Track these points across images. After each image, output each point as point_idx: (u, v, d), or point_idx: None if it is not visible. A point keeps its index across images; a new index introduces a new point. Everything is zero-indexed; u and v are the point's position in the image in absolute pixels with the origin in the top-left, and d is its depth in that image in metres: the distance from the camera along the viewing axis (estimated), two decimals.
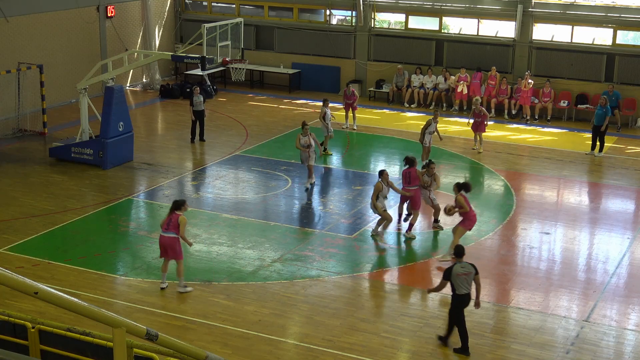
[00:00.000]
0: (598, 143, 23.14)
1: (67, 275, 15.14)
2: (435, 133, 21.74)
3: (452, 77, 27.82)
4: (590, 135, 23.57)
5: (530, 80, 26.39)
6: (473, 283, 12.52)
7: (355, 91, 25.52)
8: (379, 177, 16.85)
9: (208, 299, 14.30)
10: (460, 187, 15.83)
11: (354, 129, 25.42)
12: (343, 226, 17.83)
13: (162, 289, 14.61)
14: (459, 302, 12.49)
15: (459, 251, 12.64)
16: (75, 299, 5.39)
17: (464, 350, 12.59)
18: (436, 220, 17.59)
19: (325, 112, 22.58)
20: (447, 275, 12.44)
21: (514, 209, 18.98)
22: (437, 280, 15.32)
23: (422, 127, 21.80)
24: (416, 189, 17.15)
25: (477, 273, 12.50)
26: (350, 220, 18.14)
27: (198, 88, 24.05)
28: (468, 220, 15.78)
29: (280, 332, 13.22)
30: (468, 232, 16.15)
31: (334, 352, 12.54)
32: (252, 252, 16.31)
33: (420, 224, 17.94)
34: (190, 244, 14.84)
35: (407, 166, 17.31)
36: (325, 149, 22.75)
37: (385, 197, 16.91)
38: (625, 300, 14.59)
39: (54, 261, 15.67)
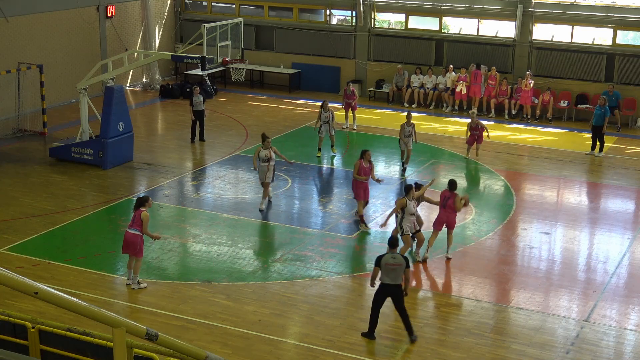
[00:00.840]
0: (598, 143, 23.15)
1: (67, 275, 15.14)
2: (413, 136, 21.07)
3: (453, 74, 27.74)
4: (590, 136, 23.57)
5: (530, 80, 26.38)
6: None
7: (356, 90, 25.50)
8: (405, 194, 15.59)
9: (208, 299, 14.30)
10: (450, 185, 16.05)
11: (354, 129, 25.42)
12: (343, 226, 17.83)
13: (128, 284, 14.67)
14: (380, 290, 12.71)
15: (392, 242, 12.75)
16: (75, 299, 5.39)
17: (369, 334, 12.88)
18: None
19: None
20: (377, 262, 12.66)
21: (514, 209, 18.98)
22: (436, 280, 15.34)
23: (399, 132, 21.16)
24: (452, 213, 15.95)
25: (407, 267, 12.59)
26: (350, 220, 18.14)
27: (198, 88, 24.02)
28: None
29: (280, 332, 13.22)
30: (456, 231, 16.27)
31: (334, 352, 12.54)
32: (252, 252, 16.31)
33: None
34: (156, 237, 14.70)
35: (448, 189, 15.92)
36: (319, 149, 22.75)
37: (413, 214, 15.63)
38: (625, 300, 14.59)
39: (54, 261, 15.67)
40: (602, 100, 23.22)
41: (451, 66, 27.96)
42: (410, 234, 15.71)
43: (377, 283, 12.83)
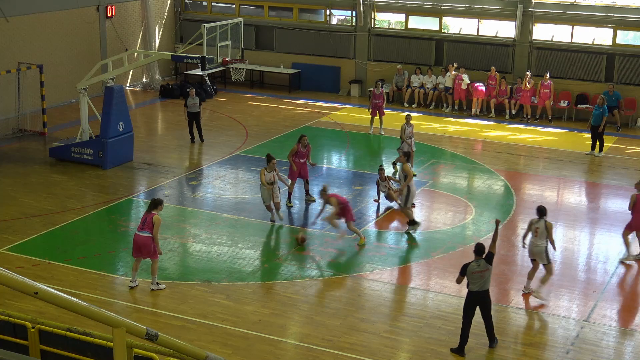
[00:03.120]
0: (598, 143, 23.15)
1: (67, 275, 15.14)
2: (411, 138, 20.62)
3: (453, 73, 27.68)
4: (590, 136, 23.58)
5: (530, 80, 26.37)
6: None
7: (385, 91, 25.11)
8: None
9: (208, 299, 14.30)
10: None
11: (381, 134, 24.73)
12: (343, 226, 17.82)
13: (132, 287, 14.61)
14: (469, 299, 12.53)
15: (477, 249, 12.53)
16: (75, 299, 5.39)
17: (459, 351, 12.56)
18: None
19: (405, 129, 20.72)
20: (463, 271, 12.49)
21: (514, 209, 18.98)
22: (436, 280, 15.34)
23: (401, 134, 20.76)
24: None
25: (491, 263, 12.49)
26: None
27: (194, 90, 23.83)
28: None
29: (280, 332, 13.22)
30: (456, 231, 16.25)
31: (334, 352, 12.54)
32: (252, 252, 16.31)
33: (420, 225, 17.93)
34: (159, 252, 14.46)
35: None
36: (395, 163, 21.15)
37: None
38: (625, 301, 14.58)
39: (54, 261, 15.67)
40: (600, 100, 23.22)
41: (451, 65, 27.87)
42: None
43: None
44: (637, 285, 15.30)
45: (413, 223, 17.34)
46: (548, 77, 26.46)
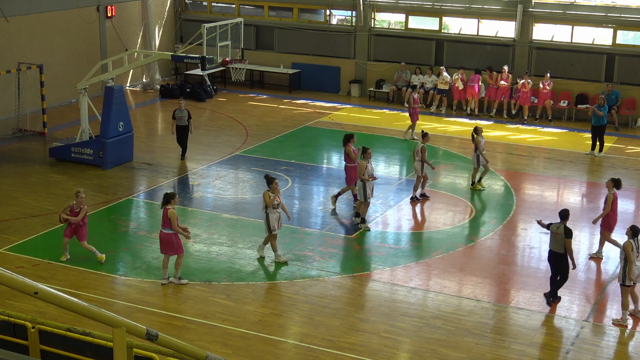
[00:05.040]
0: (598, 143, 23.16)
1: (67, 275, 15.15)
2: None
3: (445, 74, 27.63)
4: (590, 136, 23.58)
5: (529, 80, 26.36)
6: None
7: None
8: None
9: (208, 299, 14.30)
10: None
11: (414, 139, 23.88)
12: (343, 226, 17.84)
13: (163, 284, 14.68)
14: (548, 255, 14.34)
15: (562, 214, 14.23)
16: (75, 299, 5.39)
17: (552, 295, 14.19)
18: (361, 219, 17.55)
19: (480, 141, 19.92)
20: (548, 227, 14.36)
21: (514, 209, 18.98)
22: (436, 280, 15.34)
23: (416, 155, 19.33)
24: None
25: (567, 237, 13.80)
26: (350, 220, 18.14)
27: (183, 101, 22.23)
28: None
29: (280, 332, 13.22)
30: (456, 231, 16.21)
31: (334, 352, 12.54)
32: (252, 252, 16.31)
33: (421, 223, 17.90)
34: (188, 237, 14.81)
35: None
36: (478, 181, 20.18)
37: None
38: None
39: (54, 261, 15.67)
40: (601, 100, 23.22)
41: (442, 67, 27.94)
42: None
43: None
44: (637, 285, 15.28)
45: (364, 221, 17.43)
46: (549, 77, 26.44)
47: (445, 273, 15.54)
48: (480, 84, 27.20)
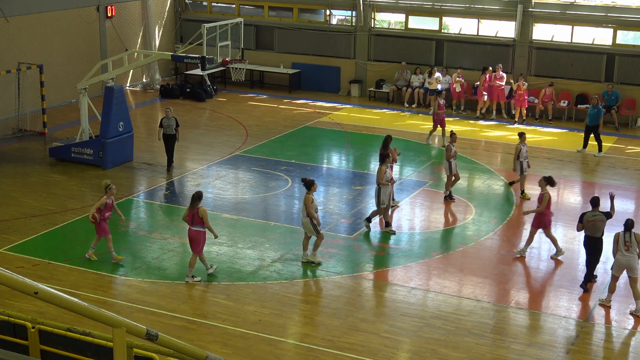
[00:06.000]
0: (596, 143, 23.17)
1: (67, 275, 15.14)
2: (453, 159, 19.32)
3: (438, 74, 27.60)
4: (583, 134, 23.61)
5: (524, 82, 26.19)
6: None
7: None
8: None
9: (208, 299, 14.31)
10: None
11: (444, 147, 23.05)
12: (343, 226, 17.83)
13: (210, 274, 15.02)
14: (585, 241, 14.97)
15: (593, 201, 14.86)
16: (75, 299, 5.39)
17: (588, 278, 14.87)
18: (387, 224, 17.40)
19: (521, 149, 19.54)
20: (581, 219, 14.90)
21: (514, 209, 18.98)
22: (436, 280, 15.33)
23: (445, 155, 19.44)
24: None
25: (608, 217, 14.75)
26: (350, 220, 18.14)
27: (170, 109, 21.34)
28: None
29: (280, 332, 13.22)
30: (456, 231, 16.20)
31: (334, 352, 12.54)
32: (252, 252, 16.31)
33: (423, 223, 17.90)
34: (215, 236, 15.09)
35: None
36: (522, 191, 19.76)
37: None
38: (625, 300, 14.58)
39: (54, 261, 15.67)
40: (594, 100, 23.26)
41: (435, 68, 27.89)
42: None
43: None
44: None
45: (387, 225, 17.35)
46: (552, 87, 26.40)
47: (445, 273, 15.54)
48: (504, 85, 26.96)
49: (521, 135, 19.82)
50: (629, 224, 13.97)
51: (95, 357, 7.08)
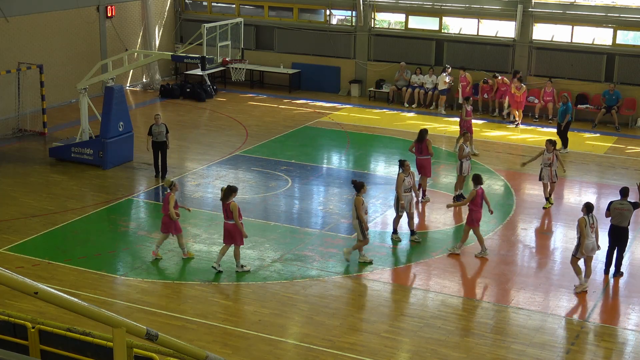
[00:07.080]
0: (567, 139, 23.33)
1: (67, 275, 15.15)
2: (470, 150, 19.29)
3: (444, 74, 27.59)
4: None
5: (522, 85, 26.07)
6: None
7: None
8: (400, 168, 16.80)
9: (208, 299, 14.31)
10: None
11: (475, 154, 22.42)
12: (343, 226, 17.84)
13: (219, 272, 15.19)
14: (610, 231, 15.19)
15: (622, 191, 15.12)
16: (75, 299, 5.39)
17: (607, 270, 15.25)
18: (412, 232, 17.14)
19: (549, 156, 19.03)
20: (608, 207, 15.12)
21: (514, 209, 18.98)
22: (436, 280, 15.33)
23: (459, 151, 19.44)
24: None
25: (636, 207, 15.11)
26: (350, 220, 18.11)
27: (160, 116, 20.69)
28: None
29: (280, 332, 13.22)
30: (456, 231, 16.23)
31: (334, 352, 12.54)
32: (252, 252, 16.31)
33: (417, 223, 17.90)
34: (245, 236, 15.12)
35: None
36: (547, 198, 19.23)
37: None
38: (625, 300, 14.60)
39: (54, 261, 15.68)
40: (564, 98, 23.27)
41: (449, 69, 27.84)
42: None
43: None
44: (637, 285, 15.29)
45: (413, 233, 17.13)
46: (550, 84, 26.43)
47: (445, 273, 15.54)
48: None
49: (552, 142, 19.18)
50: (590, 207, 14.70)
51: (95, 357, 7.08)
